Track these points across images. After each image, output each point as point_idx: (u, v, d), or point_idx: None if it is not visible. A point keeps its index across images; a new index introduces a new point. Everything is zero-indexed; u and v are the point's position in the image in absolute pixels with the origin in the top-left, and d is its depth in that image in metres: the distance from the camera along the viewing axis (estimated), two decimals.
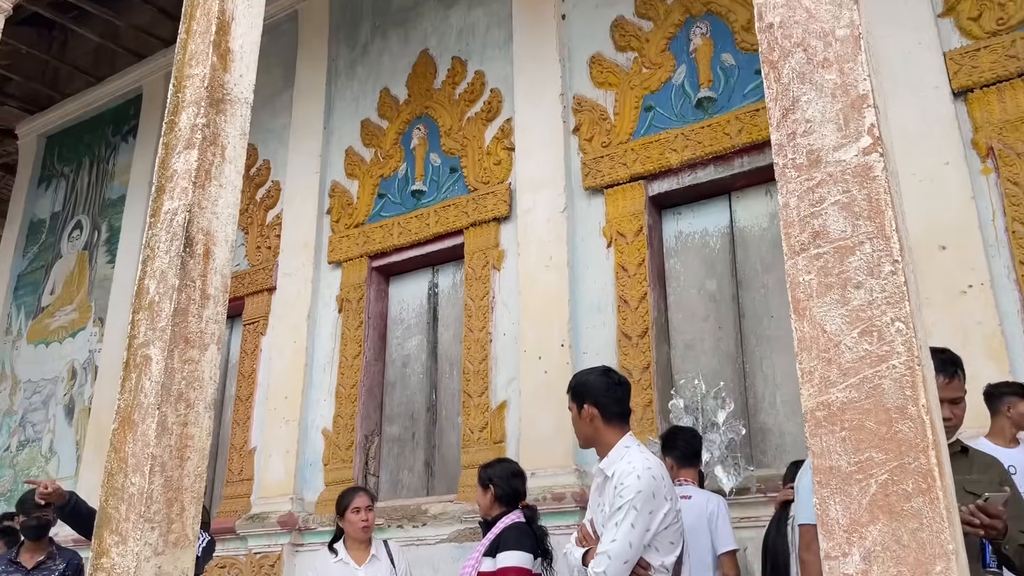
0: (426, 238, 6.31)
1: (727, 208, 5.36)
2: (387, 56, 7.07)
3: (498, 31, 6.39)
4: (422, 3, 6.98)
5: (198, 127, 3.22)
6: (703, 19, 5.47)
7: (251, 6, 3.55)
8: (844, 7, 1.99)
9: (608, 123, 5.64)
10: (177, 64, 3.49)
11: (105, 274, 8.46)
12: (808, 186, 1.93)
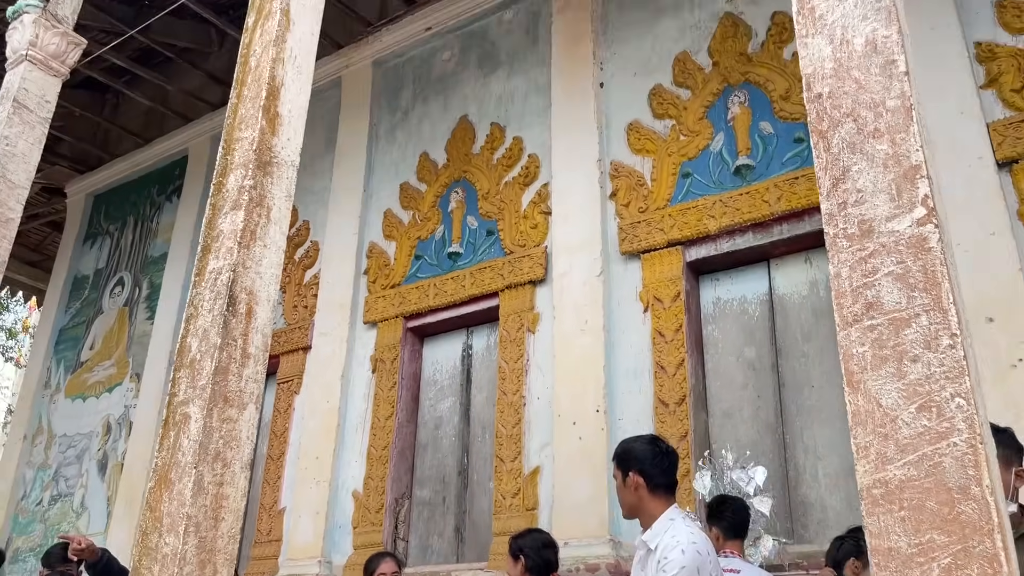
0: (461, 300, 6.32)
1: (766, 275, 5.31)
2: (427, 122, 7.20)
3: (536, 98, 6.50)
4: (462, 71, 7.13)
5: (245, 189, 3.28)
6: (741, 88, 5.51)
7: (300, 73, 3.65)
8: (895, 78, 1.99)
9: (645, 189, 5.67)
10: (227, 127, 3.57)
11: (144, 330, 8.58)
12: (860, 256, 1.90)
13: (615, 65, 6.15)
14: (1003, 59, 4.55)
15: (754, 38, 5.57)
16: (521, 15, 6.90)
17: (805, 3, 2.20)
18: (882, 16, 2.06)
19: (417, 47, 7.52)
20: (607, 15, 6.34)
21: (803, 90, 2.13)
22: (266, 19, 3.66)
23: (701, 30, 5.82)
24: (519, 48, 6.80)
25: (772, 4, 5.53)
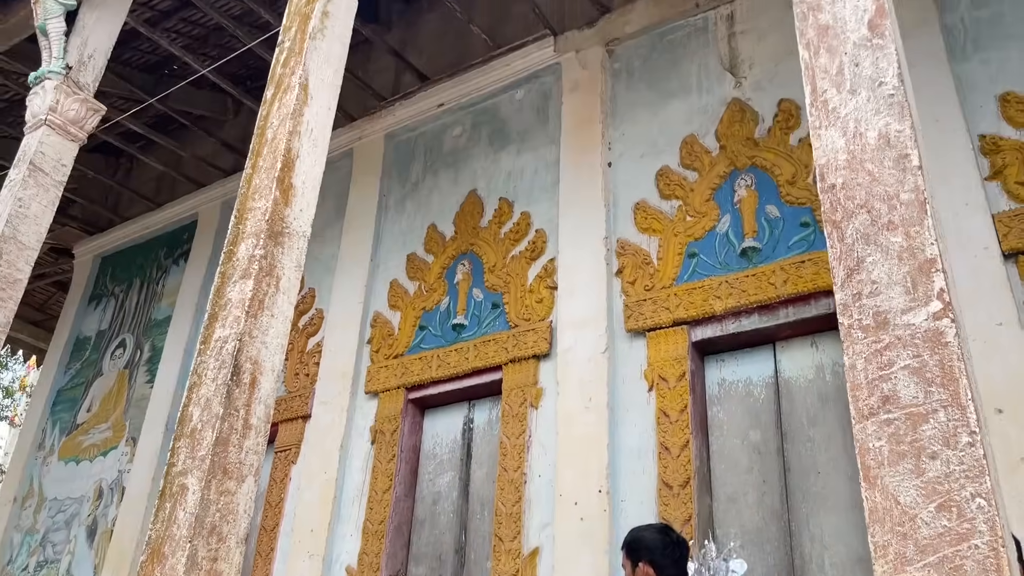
0: (464, 372, 6.28)
1: (771, 358, 5.28)
2: (436, 194, 7.28)
3: (545, 175, 6.58)
4: (473, 147, 7.25)
5: (256, 258, 3.29)
6: (748, 172, 5.58)
7: (316, 146, 3.70)
8: (908, 172, 2.01)
9: (651, 267, 5.68)
10: (240, 197, 3.61)
11: (143, 394, 8.51)
12: (876, 348, 1.88)
13: (623, 145, 6.25)
14: (1007, 152, 4.62)
15: (761, 123, 5.66)
16: (532, 94, 7.05)
17: (818, 95, 2.25)
18: (895, 111, 2.10)
19: (429, 122, 7.66)
20: (616, 97, 6.47)
21: (816, 179, 2.15)
22: (284, 93, 3.74)
23: (709, 114, 5.93)
24: (529, 126, 6.93)
25: (779, 91, 5.64)
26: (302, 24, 3.95)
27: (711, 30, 6.18)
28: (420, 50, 8.25)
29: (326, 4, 4.02)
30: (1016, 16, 4.94)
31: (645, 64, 6.43)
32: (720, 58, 6.05)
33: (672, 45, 6.35)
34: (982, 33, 4.98)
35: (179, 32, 8.55)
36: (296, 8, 4.06)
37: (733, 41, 6.03)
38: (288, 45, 3.93)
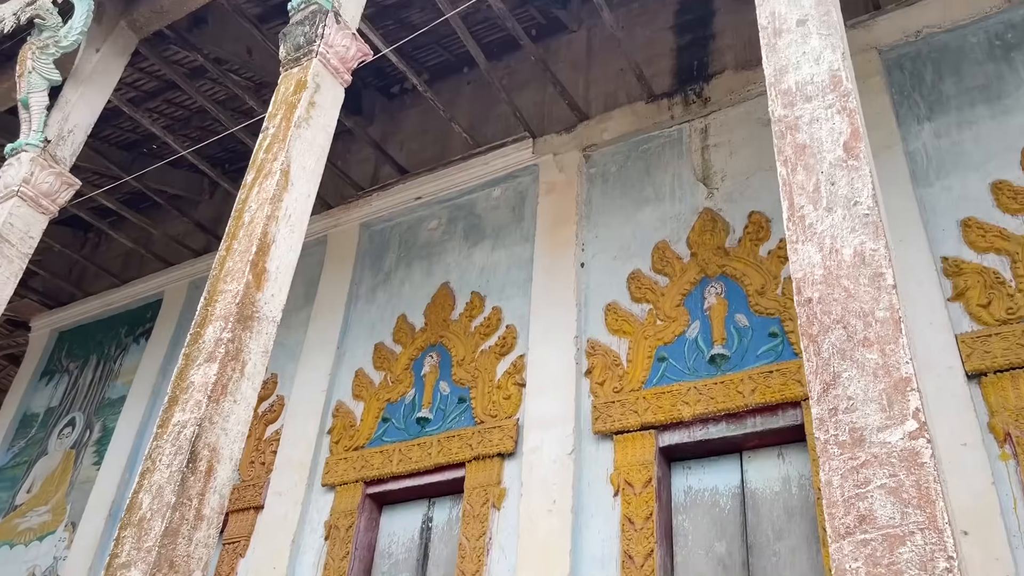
0: (426, 468, 6.13)
1: (738, 467, 5.24)
2: (408, 285, 7.27)
3: (518, 272, 6.62)
4: (448, 240, 7.29)
5: (223, 341, 3.22)
6: (718, 280, 5.66)
7: (293, 231, 3.69)
8: (883, 290, 2.04)
9: (621, 369, 5.67)
10: (212, 278, 3.56)
11: (88, 476, 8.16)
12: (852, 465, 1.86)
13: (596, 247, 6.33)
14: (969, 275, 4.75)
15: (732, 234, 5.78)
16: (509, 193, 7.16)
17: (795, 211, 2.30)
18: (869, 230, 2.14)
19: (405, 214, 7.72)
20: (591, 200, 6.59)
21: (793, 293, 2.17)
22: (265, 178, 3.75)
23: (681, 222, 6.05)
24: (505, 223, 7.01)
25: (750, 204, 5.79)
26: (288, 112, 4.00)
27: (685, 142, 6.37)
28: (401, 144, 8.40)
29: (313, 95, 4.09)
30: (975, 147, 5.17)
31: (621, 170, 6.59)
32: (693, 169, 6.22)
33: (647, 154, 6.53)
34: (944, 161, 5.19)
35: (161, 112, 8.63)
36: (283, 97, 4.12)
37: (706, 153, 6.22)
38: (272, 132, 3.97)
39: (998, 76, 5.34)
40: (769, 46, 2.63)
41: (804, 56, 2.54)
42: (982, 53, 5.47)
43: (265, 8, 7.46)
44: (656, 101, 6.63)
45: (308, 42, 4.24)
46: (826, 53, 2.51)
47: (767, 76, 2.58)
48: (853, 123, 2.30)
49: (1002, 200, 4.91)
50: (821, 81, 2.46)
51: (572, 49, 7.77)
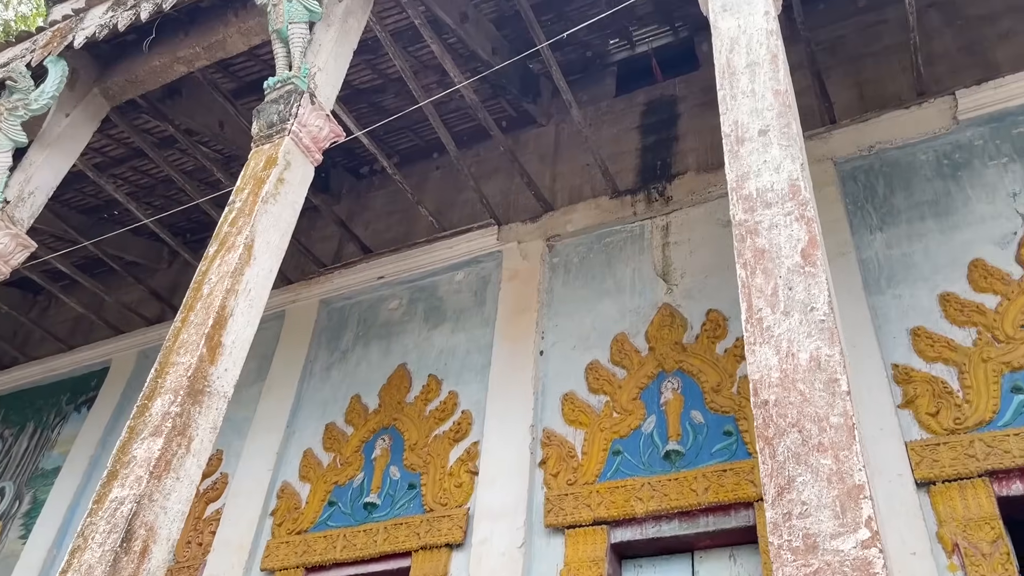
0: (371, 556, 5.93)
1: (690, 567, 5.15)
2: (365, 365, 7.19)
3: (477, 356, 6.59)
4: (408, 321, 7.26)
5: (170, 415, 3.13)
6: (675, 375, 5.70)
7: (252, 306, 3.65)
8: (838, 396, 2.07)
9: (575, 461, 5.62)
10: (164, 350, 3.49)
11: (12, 550, 7.75)
12: (805, 573, 1.85)
13: (556, 336, 6.35)
14: (919, 383, 4.84)
15: (690, 330, 5.85)
16: (472, 277, 7.20)
17: (753, 313, 2.34)
18: (825, 336, 2.19)
19: (366, 293, 7.69)
20: (553, 289, 6.65)
21: (751, 394, 2.19)
22: (228, 251, 3.72)
23: (640, 315, 6.11)
24: (466, 307, 7.02)
25: (708, 302, 5.89)
26: (256, 187, 4.01)
27: (647, 237, 6.50)
28: (366, 223, 8.44)
29: (283, 171, 4.11)
30: (924, 259, 5.35)
31: (583, 261, 6.68)
32: (654, 264, 6.33)
33: (610, 247, 6.64)
34: (895, 270, 5.36)
35: (126, 179, 8.59)
36: (252, 172, 4.14)
37: (667, 250, 6.34)
38: (239, 206, 3.97)
39: (946, 193, 5.58)
40: (732, 153, 2.73)
41: (765, 164, 2.64)
42: (931, 170, 5.73)
43: (240, 84, 7.57)
44: (620, 197, 6.78)
45: (281, 120, 4.29)
46: (786, 163, 2.61)
47: (729, 181, 2.67)
48: (811, 231, 2.38)
49: (950, 312, 5.06)
50: (781, 189, 2.55)
51: (540, 142, 7.97)
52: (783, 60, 2.94)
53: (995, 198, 5.39)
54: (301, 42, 4.64)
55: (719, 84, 2.98)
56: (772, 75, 2.88)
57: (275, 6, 4.71)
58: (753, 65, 2.96)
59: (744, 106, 2.84)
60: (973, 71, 6.12)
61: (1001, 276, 5.06)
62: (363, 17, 5.34)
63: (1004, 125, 5.65)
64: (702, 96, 7.29)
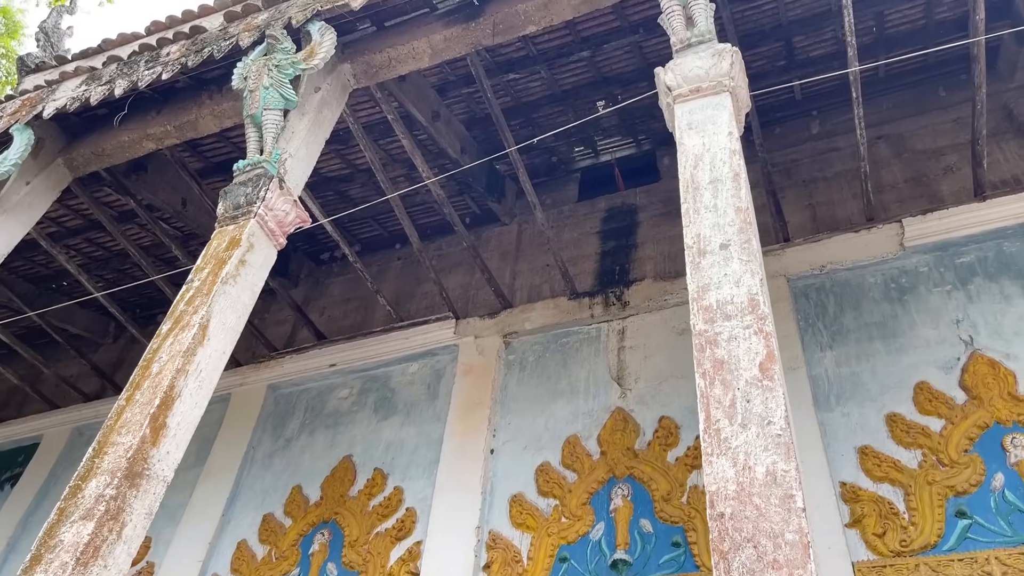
0: None
1: None
2: (309, 455, 7.00)
3: (426, 452, 6.47)
4: (357, 411, 7.13)
5: (104, 498, 3.00)
6: (625, 481, 5.64)
7: (201, 387, 3.56)
8: (793, 512, 2.07)
9: (521, 566, 5.47)
10: (105, 429, 3.37)
11: None
12: None
13: (508, 435, 6.28)
14: (866, 503, 4.87)
15: (642, 436, 5.84)
16: (426, 370, 7.13)
17: (711, 423, 2.35)
18: (782, 451, 2.20)
19: (317, 380, 7.56)
20: (507, 387, 6.61)
21: (707, 505, 2.18)
22: (182, 330, 3.65)
23: (593, 418, 6.09)
24: (418, 400, 6.92)
25: (661, 408, 5.90)
26: (217, 267, 3.97)
27: (603, 340, 6.55)
28: (322, 309, 8.39)
29: (245, 253, 4.09)
30: (872, 379, 5.46)
31: (539, 360, 6.68)
32: (609, 368, 6.36)
33: (566, 347, 6.66)
34: (844, 388, 5.45)
35: (80, 251, 8.45)
36: (214, 251, 4.11)
37: (622, 354, 6.38)
38: (197, 285, 3.91)
39: (893, 316, 5.75)
40: (693, 264, 2.79)
41: (726, 277, 2.71)
42: (879, 293, 5.91)
43: (207, 164, 7.59)
44: (579, 298, 6.85)
45: (248, 202, 4.30)
46: (745, 277, 2.68)
47: (690, 292, 2.72)
48: (769, 345, 2.42)
49: (896, 433, 5.14)
50: (741, 303, 2.61)
51: (502, 240, 8.08)
52: (745, 179, 3.06)
53: (939, 323, 5.57)
54: (275, 128, 4.70)
55: (683, 198, 3.08)
56: (734, 192, 2.99)
57: (251, 92, 4.78)
58: (716, 182, 3.07)
59: (707, 220, 2.93)
60: (919, 201, 6.42)
61: (945, 400, 5.18)
62: (337, 109, 5.44)
63: (948, 254, 5.89)
64: (662, 207, 7.51)
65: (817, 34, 6.80)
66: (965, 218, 5.91)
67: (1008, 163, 6.36)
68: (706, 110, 3.41)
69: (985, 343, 5.34)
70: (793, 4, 6.51)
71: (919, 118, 7.07)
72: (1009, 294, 5.51)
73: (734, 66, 3.55)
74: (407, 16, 5.53)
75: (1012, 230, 5.79)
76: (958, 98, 7.03)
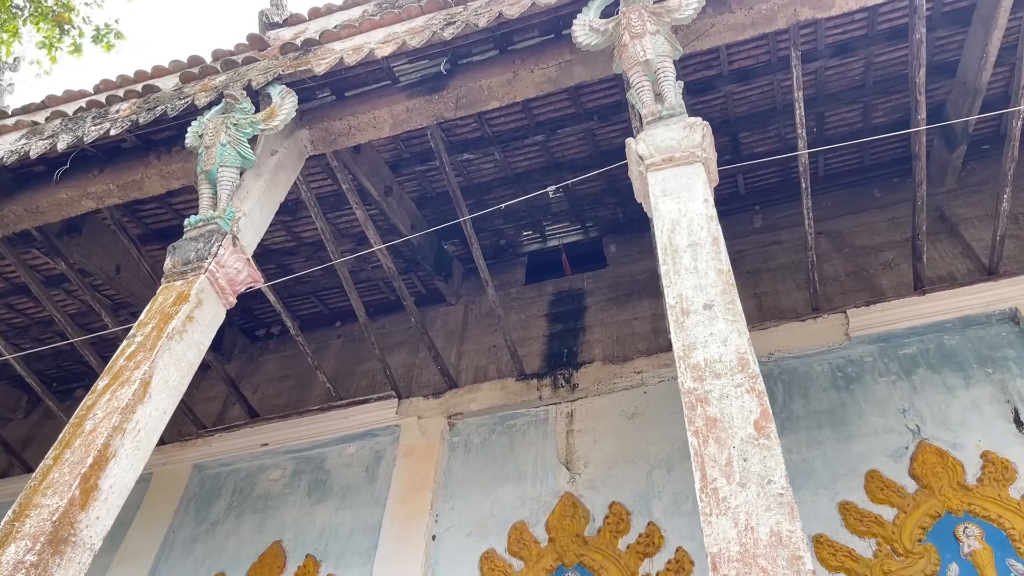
0: None
1: None
2: (235, 539, 6.53)
3: (363, 538, 6.11)
4: (289, 494, 6.74)
5: (24, 565, 2.68)
6: (575, 569, 5.42)
7: (138, 448, 3.28)
8: (802, 574, 1.95)
9: None
10: (28, 490, 3.05)
11: None
12: None
13: (451, 520, 5.99)
14: None
15: (591, 522, 5.64)
16: (364, 451, 6.83)
17: (708, 483, 2.23)
18: (785, 510, 2.09)
19: (247, 460, 7.15)
20: (451, 469, 6.36)
21: (709, 568, 2.04)
22: (121, 386, 3.38)
23: (541, 504, 5.88)
24: (355, 483, 6.59)
25: (612, 494, 5.74)
26: (162, 322, 3.73)
27: (551, 423, 6.40)
28: (256, 387, 8.04)
29: (193, 309, 3.87)
30: (823, 466, 5.43)
31: (484, 443, 6.47)
32: (557, 451, 6.19)
33: (512, 430, 6.48)
34: (797, 475, 5.40)
35: None
36: (159, 307, 3.87)
37: (571, 438, 6.23)
38: (139, 340, 3.66)
39: (841, 404, 5.79)
40: (677, 323, 2.73)
41: (712, 336, 2.64)
42: (827, 381, 5.96)
43: (145, 230, 7.33)
44: (526, 380, 6.72)
45: (199, 258, 4.09)
46: (732, 336, 2.62)
47: (676, 350, 2.65)
48: (763, 404, 2.35)
49: (850, 521, 5.09)
50: (729, 361, 2.54)
51: (448, 320, 7.95)
52: (723, 243, 3.05)
53: (887, 412, 5.62)
54: (230, 185, 4.55)
55: (662, 260, 3.04)
56: (714, 255, 2.97)
57: (208, 148, 4.64)
58: (695, 245, 3.05)
59: (688, 281, 2.89)
60: (861, 294, 6.59)
61: (897, 489, 5.17)
62: (293, 174, 5.32)
63: (891, 345, 6.01)
64: (609, 292, 7.53)
65: (762, 131, 7.07)
66: (906, 311, 6.06)
67: (943, 261, 6.61)
68: (680, 178, 3.42)
69: (932, 432, 5.40)
70: (741, 100, 6.77)
71: (857, 216, 7.34)
72: (952, 385, 5.62)
73: (705, 139, 3.61)
74: (369, 87, 5.52)
75: (951, 323, 5.96)
76: (892, 199, 7.35)
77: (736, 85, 6.58)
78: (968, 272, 6.42)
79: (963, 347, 5.83)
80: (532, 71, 5.01)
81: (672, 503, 5.54)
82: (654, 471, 5.76)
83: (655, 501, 5.60)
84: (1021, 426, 5.25)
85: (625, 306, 7.30)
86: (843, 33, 6.28)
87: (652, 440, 5.96)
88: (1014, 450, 5.14)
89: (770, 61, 6.43)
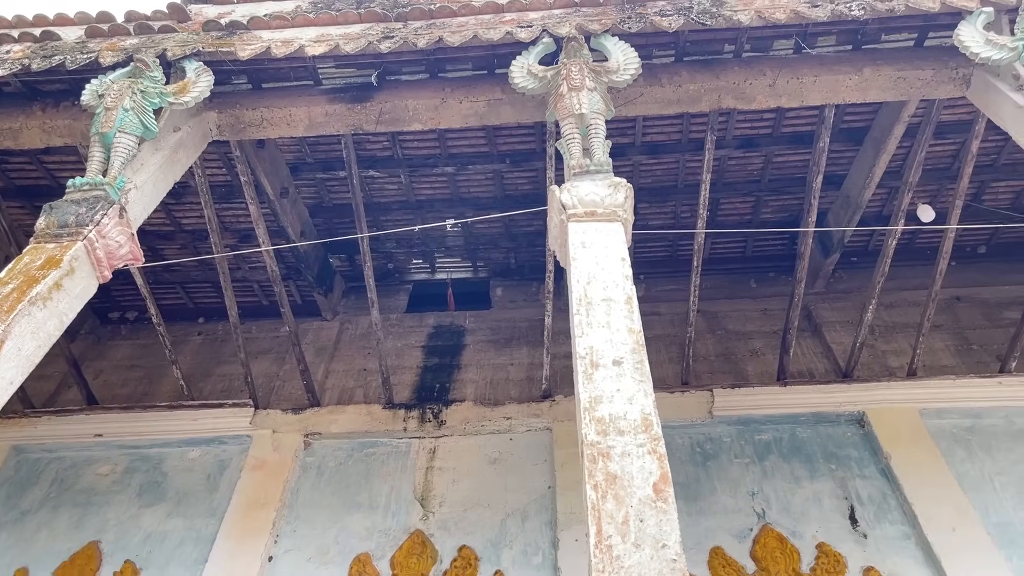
0: None
1: None
2: (46, 533, 5.96)
3: (193, 549, 5.70)
4: (117, 492, 6.22)
5: None
6: None
7: None
8: None
9: None
10: None
11: None
12: None
13: (292, 542, 5.70)
14: None
15: (439, 564, 5.51)
16: (208, 458, 6.43)
17: (603, 538, 2.20)
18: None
19: (75, 449, 6.57)
20: (300, 490, 6.08)
21: None
22: None
23: (389, 537, 5.69)
24: (193, 490, 6.17)
25: (463, 537, 5.63)
26: (25, 285, 3.39)
27: (412, 456, 6.25)
28: (99, 371, 7.46)
29: (63, 276, 3.54)
30: None
31: (340, 467, 6.23)
32: (414, 486, 6.04)
33: (371, 458, 6.28)
34: None
35: None
36: (24, 267, 3.52)
37: (430, 474, 6.11)
38: None
39: (696, 479, 5.95)
40: (586, 375, 2.72)
41: (618, 392, 2.65)
42: (686, 454, 6.13)
43: (8, 184, 6.74)
44: (394, 409, 6.56)
45: (79, 223, 3.76)
46: (639, 396, 2.64)
47: (582, 401, 2.63)
48: (663, 467, 2.36)
49: None
50: (634, 420, 2.55)
51: (320, 336, 7.69)
52: (636, 304, 3.08)
53: (737, 493, 5.82)
54: (125, 153, 4.23)
55: (575, 310, 3.04)
56: (627, 314, 2.99)
57: (108, 110, 4.31)
58: (609, 300, 3.07)
59: (600, 335, 2.90)
60: (727, 376, 6.87)
61: (737, 568, 5.34)
62: (193, 155, 5.02)
63: (749, 429, 6.26)
64: (490, 334, 7.51)
65: (660, 205, 7.31)
66: (767, 399, 6.35)
67: (805, 357, 6.99)
68: (600, 234, 3.46)
69: (776, 518, 5.63)
70: (647, 172, 6.99)
71: (733, 302, 7.68)
72: (799, 476, 5.90)
73: (627, 200, 3.67)
74: (289, 83, 5.34)
75: (805, 417, 6.28)
76: (766, 292, 7.75)
77: (645, 157, 6.80)
78: (826, 371, 6.82)
79: (813, 441, 6.15)
80: (461, 102, 4.98)
81: (522, 554, 5.49)
82: (509, 519, 5.71)
83: (505, 550, 5.53)
84: (855, 523, 5.56)
85: (503, 350, 7.29)
86: (751, 128, 6.63)
87: (511, 488, 5.92)
88: (846, 545, 5.42)
89: (680, 140, 6.69)
